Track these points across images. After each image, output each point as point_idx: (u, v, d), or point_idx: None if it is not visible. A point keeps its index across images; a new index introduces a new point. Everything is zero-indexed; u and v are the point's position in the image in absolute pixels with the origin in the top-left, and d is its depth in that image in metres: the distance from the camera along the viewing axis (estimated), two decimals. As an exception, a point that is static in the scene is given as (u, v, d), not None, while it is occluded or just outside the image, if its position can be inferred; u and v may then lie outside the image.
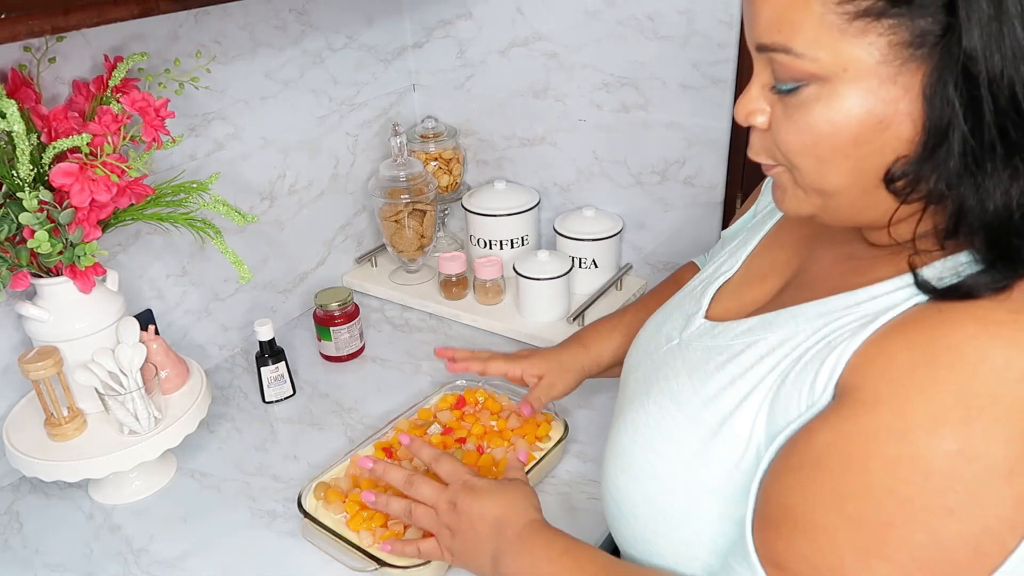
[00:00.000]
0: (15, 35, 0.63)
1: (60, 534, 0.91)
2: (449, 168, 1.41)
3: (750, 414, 0.59)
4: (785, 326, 0.61)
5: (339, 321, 1.18)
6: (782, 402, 0.57)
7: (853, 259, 0.63)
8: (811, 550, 0.51)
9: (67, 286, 0.86)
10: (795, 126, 0.54)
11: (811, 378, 0.55)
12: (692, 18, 1.11)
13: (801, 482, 0.53)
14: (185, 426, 0.93)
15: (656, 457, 0.65)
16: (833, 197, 0.56)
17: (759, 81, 0.56)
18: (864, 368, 0.52)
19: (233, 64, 1.11)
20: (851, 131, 0.52)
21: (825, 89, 0.52)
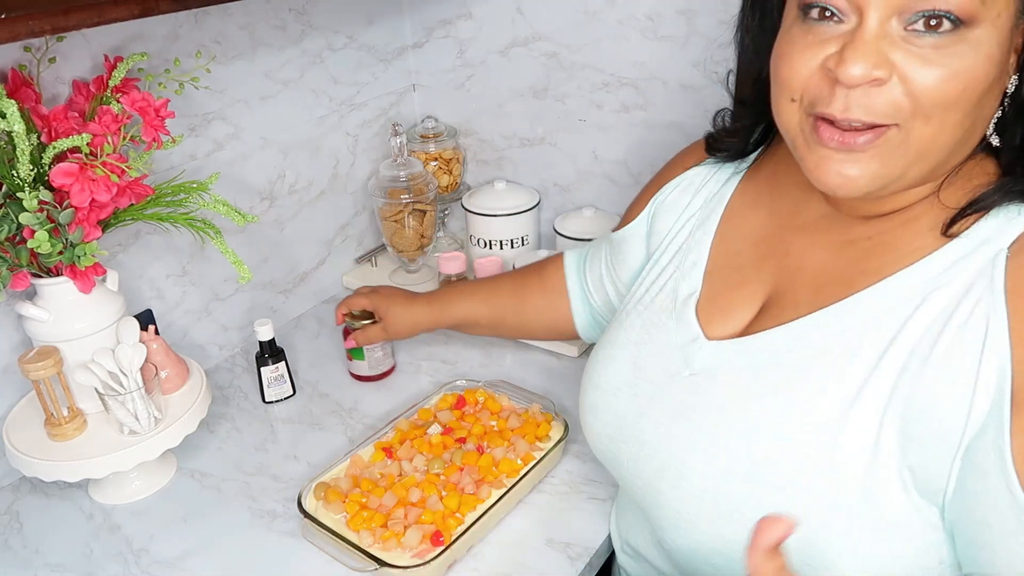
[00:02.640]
0: (15, 35, 0.63)
1: (60, 534, 0.91)
2: (449, 168, 1.41)
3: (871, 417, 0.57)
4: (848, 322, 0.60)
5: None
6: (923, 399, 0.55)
7: (856, 241, 0.62)
8: None
9: (67, 286, 0.86)
10: (945, 72, 0.51)
11: (967, 362, 0.53)
12: (692, 18, 1.11)
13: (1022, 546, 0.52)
14: (185, 426, 0.93)
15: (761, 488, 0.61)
16: (933, 156, 0.55)
17: (882, 31, 0.52)
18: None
19: (233, 64, 1.11)
20: (988, 79, 0.52)
21: (971, 34, 0.51)
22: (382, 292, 1.08)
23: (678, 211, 0.80)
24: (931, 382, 0.55)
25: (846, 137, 0.55)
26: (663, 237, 0.80)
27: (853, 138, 0.55)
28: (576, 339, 1.02)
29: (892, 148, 0.55)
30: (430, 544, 0.82)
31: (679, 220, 0.79)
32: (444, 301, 1.06)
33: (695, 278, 0.73)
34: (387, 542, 0.82)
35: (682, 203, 0.80)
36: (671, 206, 0.81)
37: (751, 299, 0.69)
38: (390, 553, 0.81)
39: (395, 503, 0.87)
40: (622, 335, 0.76)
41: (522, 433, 0.96)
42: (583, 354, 1.18)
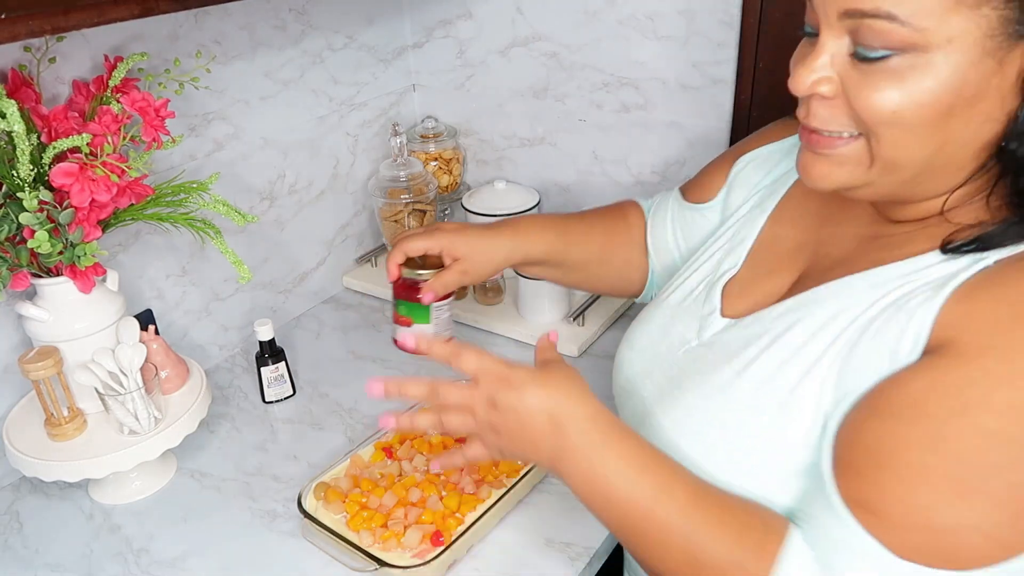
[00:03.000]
0: (15, 35, 0.63)
1: (60, 534, 0.91)
2: (449, 168, 1.41)
3: (813, 389, 0.60)
4: (832, 300, 0.62)
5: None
6: (854, 368, 0.58)
7: (881, 237, 0.64)
8: (904, 490, 0.52)
9: (67, 286, 0.86)
10: (882, 94, 0.53)
11: (891, 340, 0.56)
12: (692, 18, 1.11)
13: (894, 427, 0.53)
14: (185, 426, 0.93)
15: (713, 450, 0.65)
16: (902, 170, 0.56)
17: (829, 49, 0.55)
18: (956, 325, 0.53)
19: (233, 64, 1.11)
20: (945, 103, 0.52)
21: (921, 59, 0.51)
22: (446, 228, 0.89)
23: (750, 186, 0.82)
24: (862, 352, 0.58)
25: (812, 139, 0.59)
26: (734, 210, 0.82)
27: (818, 140, 0.59)
28: (634, 297, 0.98)
29: (849, 157, 0.58)
30: (430, 544, 0.82)
31: (749, 195, 0.81)
32: (524, 235, 0.90)
33: (738, 255, 0.76)
34: (387, 542, 0.82)
35: (754, 179, 0.82)
36: (745, 180, 0.83)
37: (778, 286, 0.71)
38: (390, 553, 0.81)
39: (395, 503, 0.87)
40: (666, 297, 0.80)
41: (522, 433, 0.96)
42: (583, 354, 1.18)
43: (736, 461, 0.64)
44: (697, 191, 0.89)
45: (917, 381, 0.53)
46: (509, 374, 0.65)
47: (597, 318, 1.23)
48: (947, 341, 0.53)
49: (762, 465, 0.63)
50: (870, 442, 0.55)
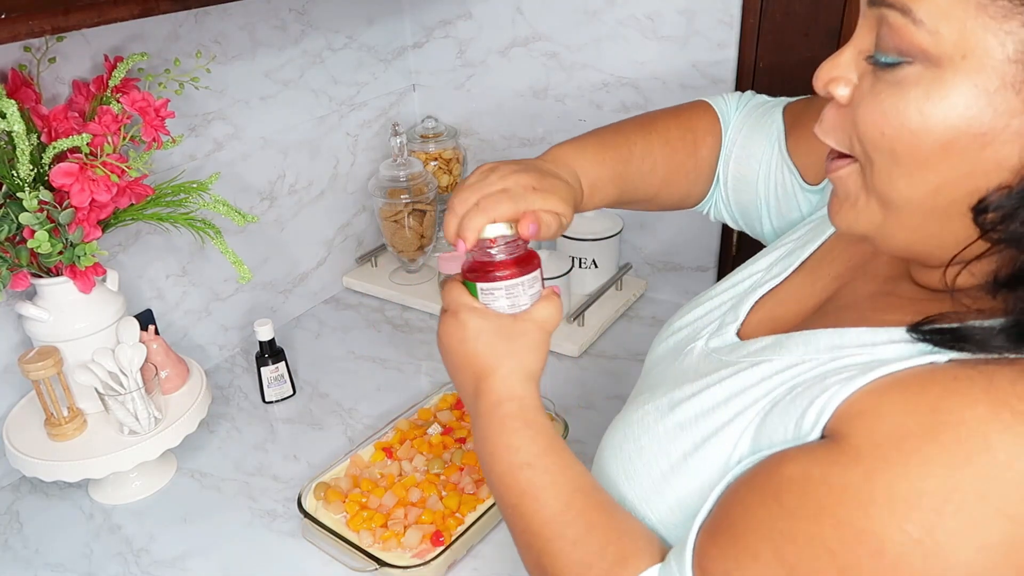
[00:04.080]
0: (15, 35, 0.63)
1: (60, 534, 0.91)
2: (449, 168, 1.41)
3: (732, 437, 0.55)
4: (795, 351, 0.56)
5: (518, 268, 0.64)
6: (767, 429, 0.53)
7: (892, 296, 0.57)
8: (737, 569, 0.49)
9: (67, 286, 0.86)
10: (879, 107, 0.46)
11: (798, 414, 0.50)
12: (692, 18, 1.11)
13: (754, 503, 0.50)
14: (185, 426, 0.93)
15: (639, 458, 0.62)
16: (895, 212, 0.48)
17: (856, 45, 0.48)
18: (854, 419, 0.47)
19: (233, 64, 1.11)
20: (943, 135, 0.44)
21: (930, 73, 0.43)
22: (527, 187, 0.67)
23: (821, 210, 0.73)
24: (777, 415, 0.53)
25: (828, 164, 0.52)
26: (823, 204, 0.72)
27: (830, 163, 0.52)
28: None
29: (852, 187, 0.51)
30: (430, 544, 0.82)
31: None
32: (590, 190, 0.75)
33: (790, 262, 0.69)
34: (387, 542, 0.82)
35: None
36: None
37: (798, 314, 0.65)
38: (390, 553, 0.81)
39: (395, 503, 0.87)
40: (724, 284, 0.74)
41: (522, 433, 0.96)
42: (583, 354, 1.18)
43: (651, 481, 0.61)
44: (803, 153, 0.74)
45: (792, 466, 0.48)
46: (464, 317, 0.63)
47: (597, 318, 1.23)
48: (840, 434, 0.47)
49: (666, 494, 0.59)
50: (733, 510, 0.51)
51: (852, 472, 0.45)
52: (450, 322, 0.64)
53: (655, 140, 0.79)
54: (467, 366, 0.64)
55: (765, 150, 0.76)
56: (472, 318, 0.63)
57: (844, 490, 0.45)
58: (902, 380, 0.46)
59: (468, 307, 0.63)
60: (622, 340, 1.23)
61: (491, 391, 0.63)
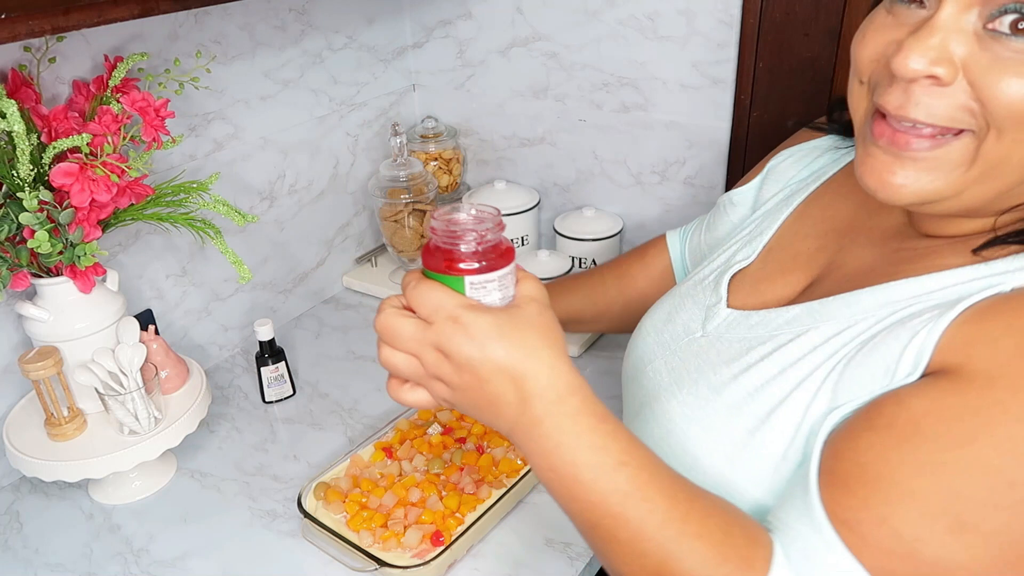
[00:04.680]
0: (15, 35, 0.63)
1: (60, 534, 0.91)
2: (449, 168, 1.41)
3: (803, 402, 0.57)
4: (839, 314, 0.59)
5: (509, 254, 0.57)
6: (847, 383, 0.55)
7: (904, 250, 0.60)
8: (893, 513, 0.49)
9: (67, 286, 0.86)
10: (1018, 79, 0.46)
11: (890, 359, 0.52)
12: (692, 18, 1.11)
13: (888, 444, 0.50)
14: (185, 426, 0.93)
15: (695, 448, 0.63)
16: (1004, 178, 0.50)
17: (946, 26, 0.47)
18: (964, 348, 0.50)
19: (233, 64, 1.11)
20: None
21: None
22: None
23: (784, 180, 0.79)
24: (859, 365, 0.55)
25: (898, 137, 0.51)
26: (764, 202, 0.80)
27: (907, 139, 0.51)
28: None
29: (953, 160, 0.50)
30: (430, 544, 0.82)
31: (780, 188, 0.79)
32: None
33: (754, 247, 0.74)
34: (387, 542, 0.82)
35: (790, 173, 0.79)
36: (781, 174, 0.80)
37: (791, 284, 0.68)
38: (390, 553, 0.81)
39: (395, 503, 0.87)
40: (680, 287, 0.79)
41: (522, 433, 0.96)
42: (583, 354, 1.18)
43: (722, 465, 0.62)
44: (736, 185, 0.86)
45: (919, 401, 0.50)
46: (467, 319, 0.52)
47: (597, 318, 1.23)
48: (953, 365, 0.50)
49: (745, 470, 0.60)
50: (862, 457, 0.51)
51: (993, 392, 0.47)
52: (454, 330, 0.52)
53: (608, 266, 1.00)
54: (498, 373, 0.52)
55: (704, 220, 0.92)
56: (477, 317, 0.52)
57: (991, 410, 0.47)
58: (992, 307, 0.50)
59: (466, 306, 0.52)
60: (622, 340, 1.22)
61: (545, 390, 0.52)
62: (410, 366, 0.55)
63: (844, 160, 0.74)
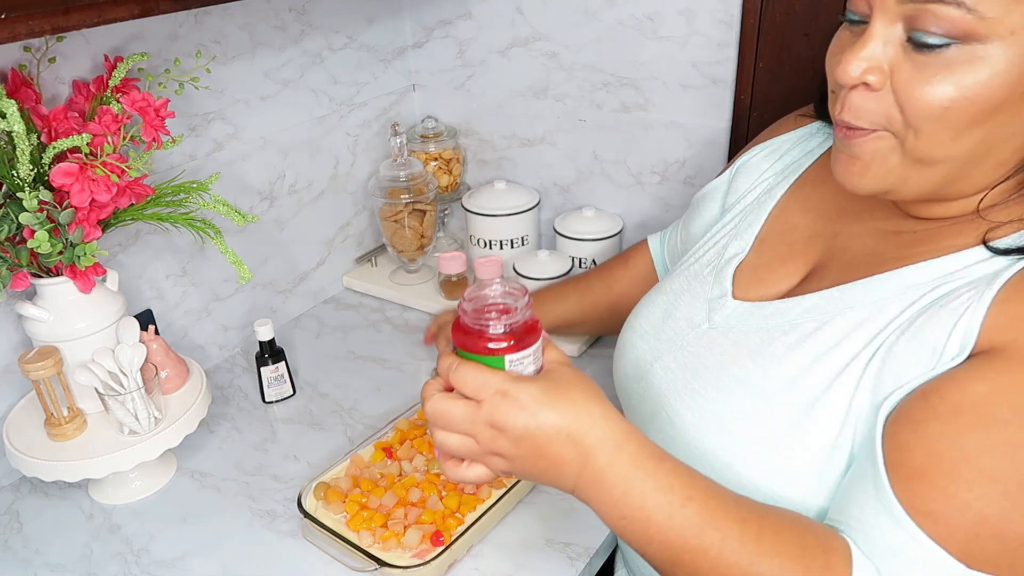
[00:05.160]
0: (15, 35, 0.63)
1: (60, 534, 0.91)
2: (449, 168, 1.41)
3: (847, 390, 0.58)
4: (861, 300, 0.60)
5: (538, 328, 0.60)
6: (892, 369, 0.56)
7: (902, 233, 0.62)
8: (976, 497, 0.50)
9: (67, 286, 0.86)
10: (935, 88, 0.51)
11: (934, 343, 0.54)
12: (692, 18, 1.11)
13: (957, 430, 0.51)
14: (185, 426, 0.93)
15: (736, 445, 0.63)
16: (937, 167, 0.55)
17: (880, 37, 0.53)
18: (1009, 327, 0.51)
19: (233, 64, 1.11)
20: (997, 98, 0.50)
21: (978, 50, 0.49)
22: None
23: (757, 174, 0.81)
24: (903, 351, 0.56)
25: (848, 134, 0.57)
26: (738, 197, 0.81)
27: (852, 136, 0.57)
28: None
29: (883, 155, 0.56)
30: (430, 544, 0.82)
31: (755, 182, 0.81)
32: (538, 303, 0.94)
33: (746, 240, 0.75)
34: (387, 542, 0.82)
35: (763, 167, 0.81)
36: (753, 168, 0.82)
37: (792, 273, 0.70)
38: (390, 553, 0.81)
39: (395, 503, 0.87)
40: (667, 283, 0.79)
41: (522, 433, 0.96)
42: (583, 353, 1.18)
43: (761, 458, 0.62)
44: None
45: (979, 384, 0.51)
46: (514, 391, 0.55)
47: (597, 318, 1.23)
48: (1002, 343, 0.51)
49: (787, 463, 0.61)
50: (932, 446, 0.52)
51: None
52: (505, 404, 0.55)
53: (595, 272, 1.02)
54: (556, 435, 0.55)
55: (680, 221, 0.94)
56: (523, 389, 0.55)
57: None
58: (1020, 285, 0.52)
59: (511, 380, 0.55)
60: (622, 340, 1.22)
61: (603, 441, 0.55)
62: (465, 445, 0.58)
63: (818, 152, 0.77)
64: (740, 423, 0.63)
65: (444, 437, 0.58)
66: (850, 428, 0.58)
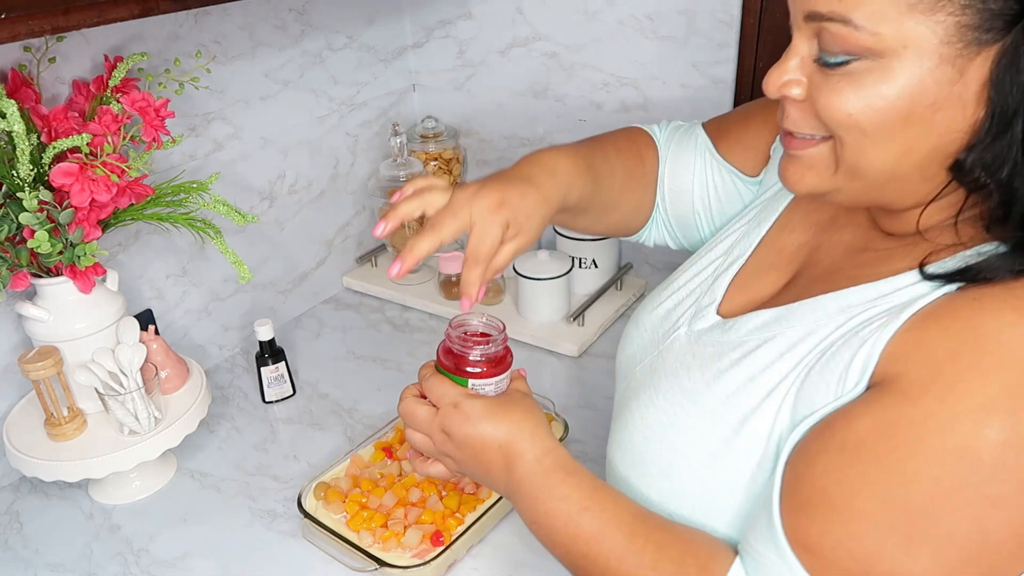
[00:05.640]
0: (15, 35, 0.63)
1: (60, 534, 0.91)
2: (449, 168, 1.41)
3: (772, 411, 0.58)
4: (803, 320, 0.60)
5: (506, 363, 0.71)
6: (807, 393, 0.56)
7: (869, 251, 0.62)
8: (848, 535, 0.51)
9: (67, 286, 0.86)
10: (841, 98, 0.53)
11: (841, 369, 0.54)
12: (692, 18, 1.11)
13: (840, 466, 0.52)
14: (185, 426, 0.93)
15: (672, 455, 0.64)
16: (864, 176, 0.55)
17: (798, 52, 0.55)
18: (903, 358, 0.51)
19: (233, 64, 1.11)
20: (901, 110, 0.51)
21: (878, 64, 0.51)
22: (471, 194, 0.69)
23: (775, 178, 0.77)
24: (817, 377, 0.56)
25: (788, 142, 0.59)
26: (766, 189, 0.78)
27: (789, 141, 0.59)
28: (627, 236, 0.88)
29: (817, 160, 0.57)
30: (430, 544, 0.82)
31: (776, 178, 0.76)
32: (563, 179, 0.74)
33: (750, 241, 0.74)
34: (387, 542, 0.82)
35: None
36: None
37: (773, 283, 0.70)
38: (390, 553, 0.81)
39: (395, 503, 0.87)
40: (683, 277, 0.78)
41: (522, 433, 0.96)
42: (583, 354, 1.18)
43: (692, 472, 0.63)
44: (738, 154, 0.80)
45: (864, 419, 0.52)
46: (465, 406, 0.67)
47: (597, 318, 1.23)
48: (893, 375, 0.51)
49: (717, 480, 0.61)
50: (818, 480, 0.53)
51: (925, 402, 0.49)
52: (454, 414, 0.67)
53: (609, 148, 0.83)
54: (489, 443, 0.66)
55: (696, 161, 0.83)
56: (471, 403, 0.67)
57: (925, 421, 0.49)
58: (932, 313, 0.52)
59: (464, 395, 0.68)
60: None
61: (525, 452, 0.65)
62: (426, 444, 0.71)
63: None
64: (678, 435, 0.64)
65: (411, 434, 0.71)
66: (772, 451, 0.58)
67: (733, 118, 0.84)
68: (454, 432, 0.67)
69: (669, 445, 0.64)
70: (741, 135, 0.81)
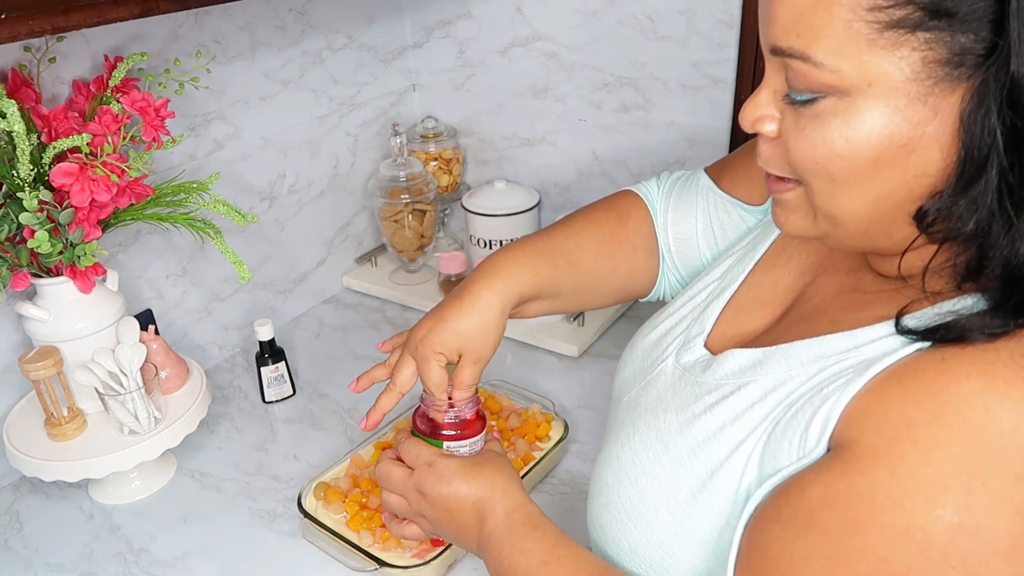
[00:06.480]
0: (15, 35, 0.63)
1: (60, 534, 0.91)
2: (449, 168, 1.41)
3: (739, 465, 0.55)
4: (777, 368, 0.57)
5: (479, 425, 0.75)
6: (772, 450, 0.53)
7: (856, 292, 0.59)
8: None
9: (67, 286, 0.86)
10: (807, 140, 0.49)
11: (802, 429, 0.51)
12: (692, 18, 1.11)
13: (790, 536, 0.49)
14: (185, 426, 0.93)
15: (641, 502, 0.61)
16: (843, 223, 0.52)
17: (771, 85, 0.51)
18: (860, 422, 0.48)
19: (233, 64, 1.11)
20: (870, 152, 0.47)
21: (844, 103, 0.47)
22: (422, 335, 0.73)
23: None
24: (782, 434, 0.53)
25: (767, 179, 0.56)
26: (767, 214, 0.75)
27: (768, 182, 0.56)
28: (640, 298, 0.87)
29: (796, 206, 0.54)
30: (430, 544, 0.82)
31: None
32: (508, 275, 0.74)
33: (744, 266, 0.70)
34: (387, 542, 0.82)
35: None
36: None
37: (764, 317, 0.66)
38: (390, 553, 0.81)
39: (395, 503, 0.87)
40: (679, 299, 0.74)
41: (522, 433, 0.97)
42: (583, 354, 1.18)
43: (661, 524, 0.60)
44: (741, 185, 0.77)
45: (815, 487, 0.48)
46: (440, 465, 0.69)
47: (597, 318, 1.23)
48: (849, 440, 0.48)
49: (688, 535, 0.58)
50: (770, 549, 0.50)
51: (876, 475, 0.46)
52: (429, 473, 0.69)
53: (576, 224, 0.81)
54: (463, 501, 0.67)
55: (699, 203, 0.79)
56: (448, 462, 0.69)
57: (874, 495, 0.46)
58: (896, 373, 0.48)
59: (438, 455, 0.70)
60: (622, 340, 1.21)
61: (496, 508, 0.66)
62: (401, 505, 0.72)
63: None
64: (648, 482, 0.61)
65: (386, 496, 0.73)
66: (739, 509, 0.55)
67: (736, 154, 0.81)
68: (428, 491, 0.68)
69: (639, 491, 0.61)
70: (745, 167, 0.78)
